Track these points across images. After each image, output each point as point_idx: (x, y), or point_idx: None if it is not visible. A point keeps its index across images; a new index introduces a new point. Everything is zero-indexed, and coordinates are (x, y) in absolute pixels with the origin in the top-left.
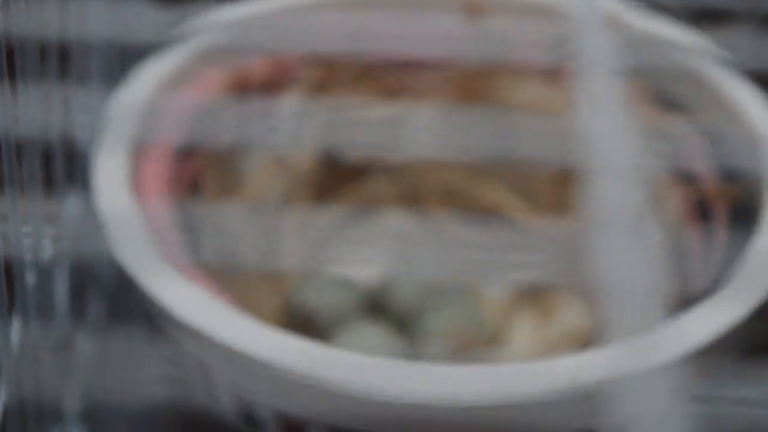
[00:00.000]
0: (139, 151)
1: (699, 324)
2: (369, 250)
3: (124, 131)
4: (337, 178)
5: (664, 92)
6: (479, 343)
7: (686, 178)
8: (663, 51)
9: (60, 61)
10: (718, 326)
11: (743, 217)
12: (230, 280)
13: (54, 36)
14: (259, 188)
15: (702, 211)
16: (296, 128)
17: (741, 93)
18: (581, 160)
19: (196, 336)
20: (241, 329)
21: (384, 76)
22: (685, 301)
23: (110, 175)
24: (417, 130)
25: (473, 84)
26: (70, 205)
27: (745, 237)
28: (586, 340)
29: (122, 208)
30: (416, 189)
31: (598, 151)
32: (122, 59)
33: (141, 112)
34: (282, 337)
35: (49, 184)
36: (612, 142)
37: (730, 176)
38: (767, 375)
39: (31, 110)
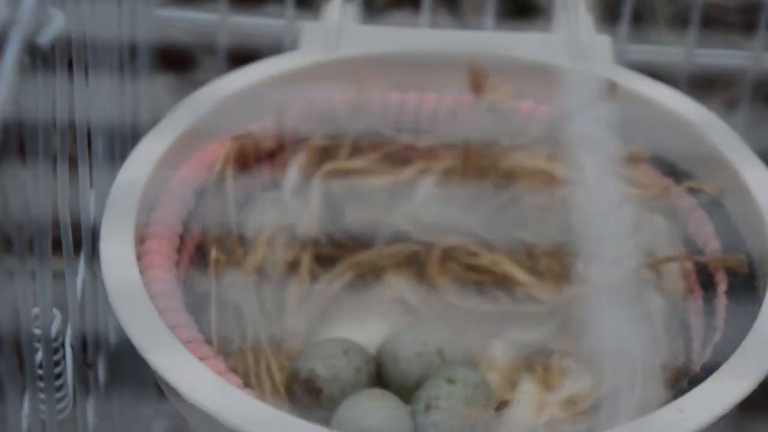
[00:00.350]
0: (143, 226)
1: (699, 405)
2: (372, 319)
3: (128, 207)
4: (340, 247)
5: (664, 159)
6: (485, 420)
7: (688, 249)
8: (663, 118)
9: (67, 139)
10: (718, 408)
11: (745, 292)
12: (235, 351)
13: (61, 115)
14: (262, 259)
15: (704, 284)
16: (299, 198)
17: (743, 161)
18: (581, 230)
19: (204, 416)
20: (248, 411)
21: (387, 144)
22: (685, 375)
23: (116, 251)
24: (420, 199)
25: (476, 153)
26: (77, 278)
27: (746, 312)
28: (589, 409)
29: (131, 290)
30: (419, 258)
31: (598, 221)
32: (131, 136)
33: (144, 187)
34: (289, 420)
35: (56, 257)
36: (612, 212)
37: (733, 247)
38: None
39: (41, 186)
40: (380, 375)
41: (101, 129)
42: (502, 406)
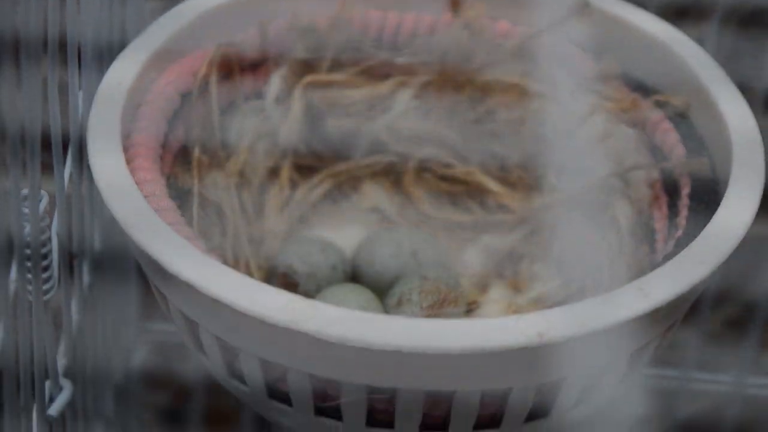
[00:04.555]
0: (129, 121)
1: (660, 284)
2: (349, 226)
3: (114, 103)
4: (319, 157)
5: (633, 76)
6: (452, 302)
7: (654, 158)
8: (633, 36)
9: (57, 50)
10: (677, 287)
11: (707, 194)
12: (215, 247)
13: (52, 27)
14: (243, 164)
15: (669, 191)
16: (281, 108)
17: (711, 76)
18: (552, 142)
19: (185, 289)
20: (227, 282)
21: (366, 59)
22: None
23: (103, 142)
24: (397, 111)
25: (452, 68)
26: (65, 171)
27: (707, 210)
28: (554, 305)
29: (116, 175)
30: (395, 168)
31: (569, 132)
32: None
33: (130, 86)
34: (266, 290)
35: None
36: (581, 124)
37: (696, 154)
38: (729, 360)
39: (31, 94)
40: (356, 276)
41: (90, 45)
42: (471, 305)
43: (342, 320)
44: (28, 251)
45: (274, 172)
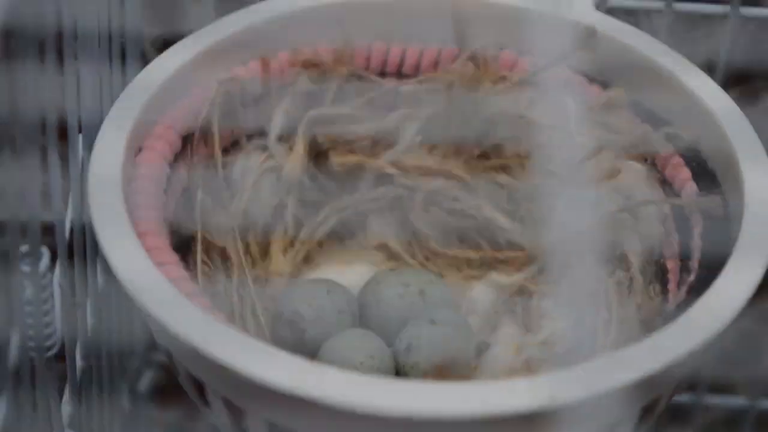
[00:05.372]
0: (129, 169)
1: (672, 340)
2: (355, 264)
3: (115, 156)
4: (324, 191)
5: (643, 105)
6: (462, 349)
7: (665, 194)
8: (642, 65)
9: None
10: (689, 344)
11: (720, 235)
12: (220, 292)
13: (52, 24)
14: (247, 202)
15: (680, 228)
16: (284, 144)
17: (720, 107)
18: (560, 176)
19: (189, 350)
20: (232, 345)
21: (371, 88)
22: (660, 315)
23: (105, 198)
24: (403, 146)
25: (457, 94)
26: (66, 222)
27: (720, 255)
28: (565, 349)
29: (117, 230)
30: (402, 202)
31: (577, 166)
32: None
33: (130, 131)
34: (272, 353)
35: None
36: (590, 159)
37: (708, 191)
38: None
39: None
40: (363, 316)
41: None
42: (481, 347)
43: (349, 385)
44: (29, 308)
45: (278, 209)
